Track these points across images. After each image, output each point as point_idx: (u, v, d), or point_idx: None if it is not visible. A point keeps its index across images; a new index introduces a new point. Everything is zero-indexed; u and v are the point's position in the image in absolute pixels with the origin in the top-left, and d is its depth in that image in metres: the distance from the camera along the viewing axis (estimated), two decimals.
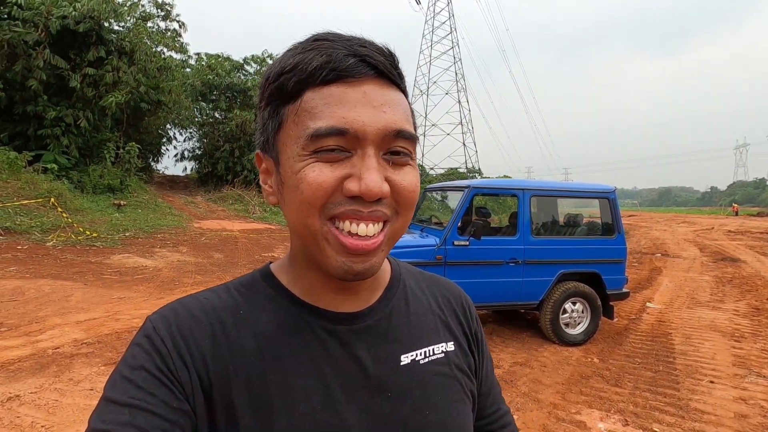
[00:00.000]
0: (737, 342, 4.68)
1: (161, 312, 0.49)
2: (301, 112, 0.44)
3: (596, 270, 4.69)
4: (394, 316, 0.55)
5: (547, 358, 4.23)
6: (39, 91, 12.76)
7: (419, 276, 0.64)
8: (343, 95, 0.43)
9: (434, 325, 0.58)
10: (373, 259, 0.45)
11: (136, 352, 0.45)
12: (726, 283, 7.85)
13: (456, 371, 0.57)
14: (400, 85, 0.48)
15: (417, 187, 0.47)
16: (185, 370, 0.45)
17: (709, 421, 3.03)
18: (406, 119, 0.46)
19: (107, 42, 14.05)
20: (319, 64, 0.42)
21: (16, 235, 8.82)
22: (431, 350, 0.55)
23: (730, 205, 50.55)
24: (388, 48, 0.47)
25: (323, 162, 0.43)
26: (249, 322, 0.49)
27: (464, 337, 0.61)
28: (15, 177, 11.30)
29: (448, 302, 0.63)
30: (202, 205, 17.51)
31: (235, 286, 0.53)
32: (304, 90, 0.44)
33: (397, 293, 0.57)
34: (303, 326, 0.50)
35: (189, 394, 0.44)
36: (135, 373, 0.43)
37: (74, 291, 5.64)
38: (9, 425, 2.60)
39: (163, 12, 16.94)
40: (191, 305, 0.50)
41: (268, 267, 0.56)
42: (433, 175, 36.19)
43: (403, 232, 0.49)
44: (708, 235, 17.20)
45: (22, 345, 3.85)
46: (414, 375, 0.52)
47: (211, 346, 0.47)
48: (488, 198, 9.75)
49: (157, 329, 0.47)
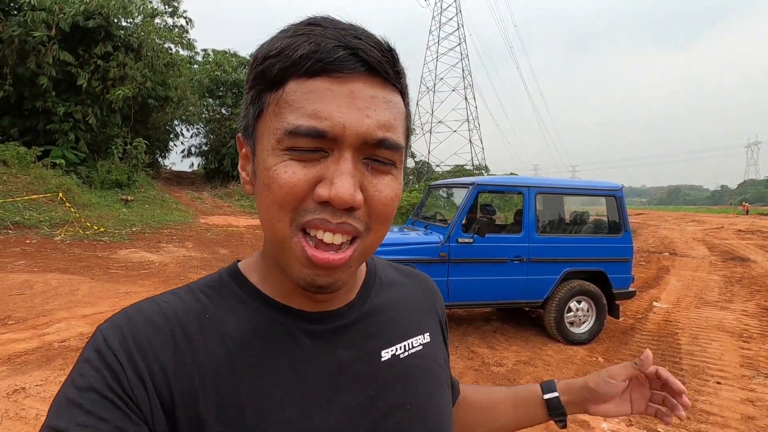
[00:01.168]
0: (745, 342, 4.61)
1: (114, 320, 0.44)
2: (281, 103, 0.40)
3: (602, 268, 4.64)
4: (372, 313, 0.53)
5: (551, 356, 4.20)
6: (49, 87, 12.89)
7: (393, 269, 0.63)
8: (327, 92, 0.39)
9: (411, 318, 0.58)
10: (339, 274, 0.43)
11: (84, 370, 0.40)
12: (735, 283, 7.75)
13: (434, 363, 0.57)
14: (397, 85, 0.43)
15: (394, 201, 0.44)
16: (142, 389, 0.40)
17: (715, 423, 2.99)
18: (394, 125, 0.42)
19: (115, 38, 14.15)
20: (305, 53, 0.39)
21: (25, 229, 8.94)
22: (410, 343, 0.55)
23: (741, 204, 49.89)
24: (388, 42, 0.43)
25: (297, 161, 0.40)
26: (216, 327, 0.45)
27: (438, 327, 0.62)
28: (24, 172, 11.44)
29: (422, 294, 0.62)
30: (208, 200, 17.61)
31: (199, 287, 0.49)
32: (287, 79, 0.40)
33: (375, 289, 0.56)
34: (277, 328, 0.47)
35: (147, 415, 0.40)
36: (83, 395, 0.38)
37: (81, 285, 5.70)
38: (14, 417, 2.63)
39: (170, 8, 17.00)
40: (149, 310, 0.45)
41: (236, 266, 0.52)
42: (439, 172, 36.10)
43: (375, 248, 0.46)
44: (717, 234, 16.99)
45: (29, 338, 3.89)
46: (395, 370, 0.52)
47: (172, 356, 0.42)
48: (494, 195, 9.70)
49: (108, 341, 0.41)
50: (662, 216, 33.24)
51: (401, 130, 0.44)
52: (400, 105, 0.44)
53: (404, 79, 0.45)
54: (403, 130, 0.45)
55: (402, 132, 0.44)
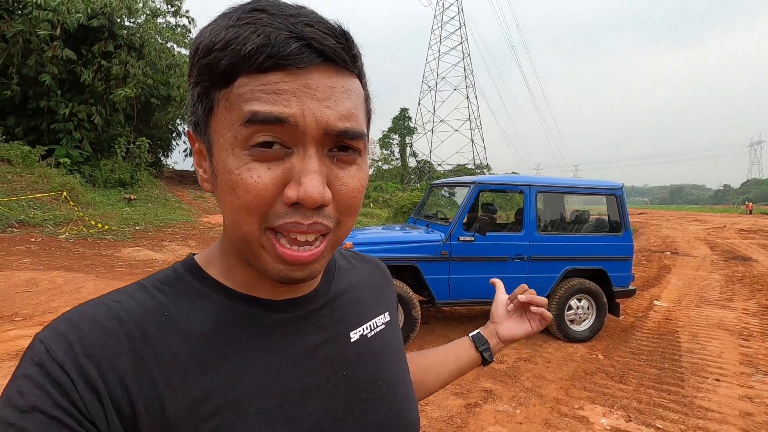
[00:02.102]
0: (745, 341, 4.64)
1: (55, 327, 0.39)
2: (233, 98, 0.38)
3: (602, 267, 4.67)
4: (337, 296, 0.54)
5: (551, 354, 4.23)
6: (53, 86, 12.96)
7: (347, 254, 0.65)
8: (282, 84, 0.37)
9: (372, 299, 0.59)
10: (313, 266, 0.42)
11: (25, 388, 0.35)
12: (736, 282, 7.76)
13: (396, 340, 0.60)
14: (354, 69, 0.41)
15: (360, 191, 0.43)
16: (96, 403, 0.36)
17: (713, 419, 3.02)
18: (355, 113, 0.41)
19: (117, 37, 14.22)
20: (255, 48, 0.36)
21: (30, 227, 9.01)
22: (374, 323, 0.56)
23: (743, 203, 49.70)
24: (341, 26, 0.40)
25: (260, 162, 0.38)
26: (177, 326, 0.42)
27: (394, 307, 0.65)
28: (29, 171, 11.51)
29: (377, 276, 0.65)
30: (210, 199, 17.66)
31: (152, 284, 0.45)
32: (237, 75, 0.37)
33: (336, 273, 0.57)
34: (244, 320, 0.45)
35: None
36: (26, 417, 0.34)
37: (86, 283, 5.75)
38: None
39: (173, 8, 17.06)
40: (97, 313, 0.40)
41: (192, 259, 0.49)
42: (440, 171, 36.10)
43: (345, 237, 0.46)
44: (719, 233, 16.96)
45: (35, 334, 3.95)
46: (364, 349, 0.53)
47: (131, 362, 0.38)
48: (495, 194, 9.72)
49: (52, 353, 0.36)
50: (664, 215, 33.16)
51: (362, 116, 0.43)
52: (358, 90, 0.42)
53: (360, 61, 0.42)
54: (364, 115, 0.44)
55: (363, 118, 0.43)
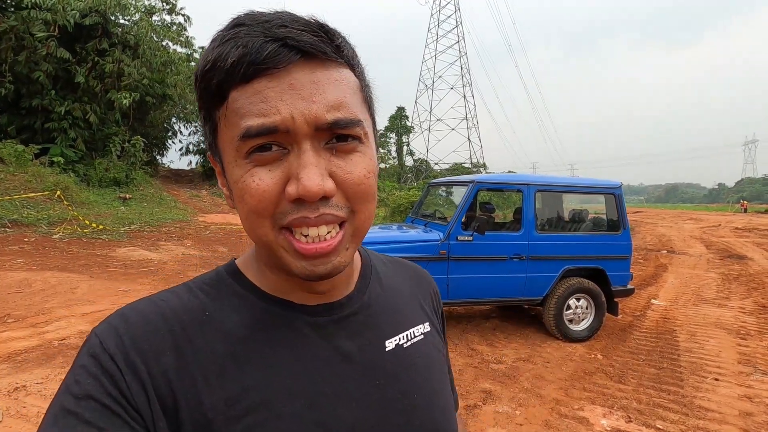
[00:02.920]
0: (743, 339, 4.64)
1: (109, 321, 0.42)
2: (229, 114, 0.40)
3: (601, 266, 4.66)
4: (372, 303, 0.53)
5: (550, 354, 4.21)
6: (47, 84, 12.83)
7: (387, 261, 0.64)
8: (268, 90, 0.38)
9: (411, 307, 0.58)
10: (335, 259, 0.42)
11: (81, 377, 0.38)
12: (732, 281, 7.79)
13: (436, 352, 0.58)
14: (340, 59, 0.42)
15: (368, 177, 0.42)
16: (142, 393, 0.39)
17: (713, 419, 3.01)
18: (345, 102, 0.40)
19: (112, 35, 14.08)
20: (236, 60, 0.38)
21: (23, 227, 8.91)
22: (412, 333, 0.55)
23: (738, 202, 50.03)
24: (317, 20, 0.41)
25: (261, 165, 0.40)
26: (217, 324, 0.45)
27: (436, 317, 0.62)
28: (22, 170, 11.40)
29: (419, 284, 0.63)
30: (206, 198, 17.58)
31: (197, 285, 0.48)
32: (228, 90, 0.39)
33: (372, 279, 0.56)
34: (279, 322, 0.47)
35: (148, 421, 0.39)
36: (81, 404, 0.37)
37: (80, 283, 5.69)
38: (15, 415, 2.64)
39: (168, 5, 16.93)
40: (146, 310, 0.44)
41: (233, 263, 0.52)
42: (437, 170, 36.11)
43: (367, 226, 0.45)
44: (715, 232, 17.05)
45: (28, 336, 3.89)
46: (400, 359, 0.52)
47: (173, 357, 0.41)
48: (492, 193, 9.70)
49: (104, 345, 0.40)
50: (659, 214, 33.32)
51: (357, 104, 0.42)
52: (348, 79, 0.42)
53: (348, 51, 0.43)
54: (361, 103, 0.43)
55: (358, 106, 0.43)
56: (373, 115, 0.47)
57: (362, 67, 0.45)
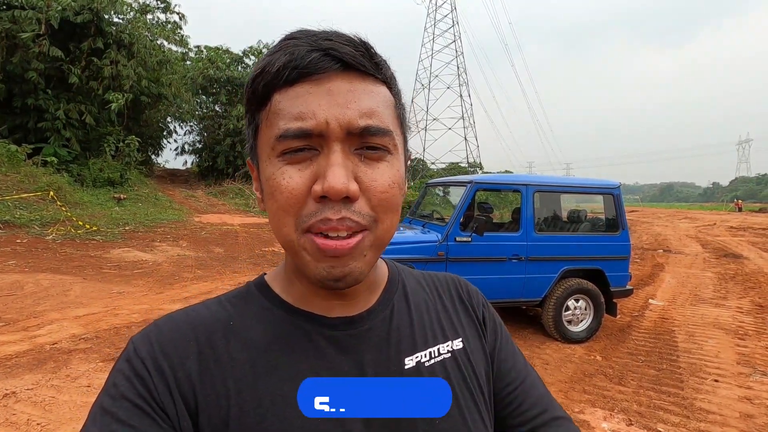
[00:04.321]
0: (741, 340, 4.63)
1: (145, 331, 0.47)
2: (271, 116, 0.43)
3: (600, 267, 4.64)
4: (394, 318, 0.53)
5: (549, 355, 4.19)
6: (40, 84, 12.68)
7: (420, 276, 0.62)
8: (308, 94, 0.41)
9: (439, 323, 0.56)
10: (352, 263, 0.43)
11: (117, 380, 0.43)
12: (729, 280, 7.80)
13: (465, 371, 0.53)
14: (378, 75, 0.44)
15: (392, 187, 0.44)
16: (168, 395, 0.42)
17: (714, 421, 2.99)
18: (377, 111, 0.43)
19: (106, 34, 13.93)
20: (282, 65, 0.41)
21: (16, 228, 8.79)
22: (437, 350, 0.53)
23: (732, 201, 50.35)
24: (360, 37, 0.44)
25: (291, 164, 0.42)
26: (240, 334, 0.47)
27: (473, 327, 0.59)
28: (14, 170, 11.26)
29: (451, 296, 0.60)
30: (202, 199, 17.46)
31: (228, 299, 0.51)
32: (272, 93, 0.43)
33: (397, 294, 0.55)
34: (299, 334, 0.48)
35: (174, 419, 0.42)
36: (116, 404, 0.41)
37: (73, 285, 5.61)
38: (4, 423, 2.57)
39: (163, 3, 16.78)
40: (178, 320, 0.48)
41: (262, 278, 0.54)
42: (434, 170, 36.07)
43: (389, 237, 0.46)
44: (710, 231, 17.13)
45: (19, 340, 3.81)
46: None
47: (197, 362, 0.44)
48: (489, 193, 9.65)
49: (137, 351, 0.44)
50: (655, 213, 33.47)
51: (389, 116, 0.44)
52: (384, 94, 0.45)
53: (387, 70, 0.46)
54: (393, 117, 0.45)
55: (390, 118, 0.45)
56: (405, 134, 0.50)
57: (399, 89, 0.48)
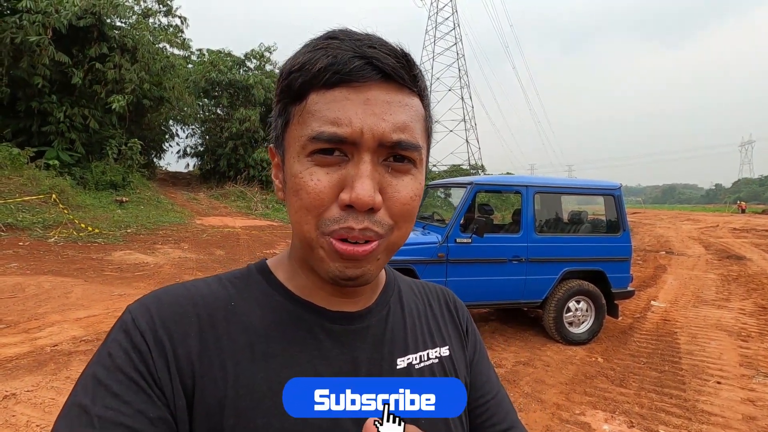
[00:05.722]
0: (744, 341, 4.60)
1: (143, 301, 0.45)
2: (305, 114, 0.43)
3: (601, 268, 4.62)
4: (390, 319, 0.54)
5: (550, 357, 4.17)
6: (45, 88, 12.73)
7: (411, 283, 0.65)
8: (346, 100, 0.41)
9: (429, 329, 0.58)
10: (366, 266, 0.44)
11: (113, 349, 0.41)
12: (732, 282, 7.76)
13: (450, 376, 0.57)
14: (414, 88, 0.45)
15: (413, 200, 0.45)
16: (166, 371, 0.41)
17: (716, 423, 2.97)
18: (410, 126, 0.44)
19: (109, 39, 13.99)
20: (323, 66, 0.41)
21: (18, 231, 8.82)
22: (426, 354, 0.55)
23: (735, 202, 50.14)
24: (402, 49, 0.45)
25: (321, 166, 0.42)
26: (241, 316, 0.47)
27: (458, 337, 0.62)
28: (17, 173, 11.29)
29: (440, 305, 0.63)
30: (204, 201, 17.50)
31: (228, 278, 0.51)
32: (309, 91, 0.43)
33: (393, 296, 0.57)
34: (299, 323, 0.48)
35: (170, 398, 0.41)
36: (110, 375, 0.40)
37: (74, 287, 5.62)
38: (4, 424, 2.57)
39: (164, 7, 16.85)
40: (178, 294, 0.47)
41: (264, 262, 0.54)
42: (435, 172, 36.07)
43: (401, 243, 0.47)
44: (713, 232, 17.06)
45: (20, 342, 3.82)
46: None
47: (198, 341, 0.44)
48: (490, 195, 9.65)
49: (137, 322, 0.43)
50: (657, 215, 33.37)
51: (419, 131, 0.45)
52: (417, 107, 0.45)
53: (422, 82, 0.46)
54: (422, 131, 0.46)
55: (420, 133, 0.46)
56: (429, 145, 0.50)
57: (429, 100, 0.49)
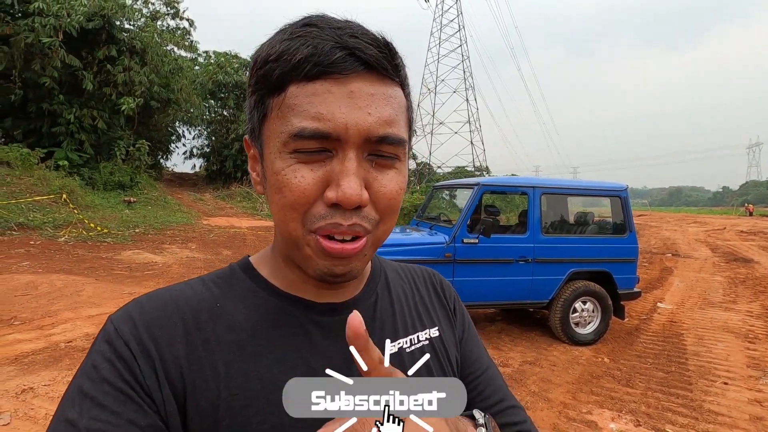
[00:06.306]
0: (751, 343, 4.60)
1: (125, 309, 0.44)
2: (284, 108, 0.41)
3: (607, 269, 4.64)
4: (378, 306, 0.54)
5: (557, 357, 4.19)
6: (55, 89, 12.90)
7: (398, 267, 0.65)
8: (328, 94, 0.40)
9: (417, 312, 0.59)
10: (354, 263, 0.44)
11: (97, 361, 0.40)
12: (739, 284, 7.73)
13: (441, 358, 0.57)
14: (396, 78, 0.44)
15: (398, 194, 0.45)
16: (153, 377, 0.40)
17: (723, 423, 2.98)
18: (396, 120, 0.43)
19: (118, 41, 14.17)
20: (304, 57, 0.39)
21: (29, 230, 8.95)
22: (416, 337, 0.55)
23: (742, 205, 49.69)
24: (384, 38, 0.43)
25: (304, 163, 0.41)
26: (227, 316, 0.46)
27: (446, 317, 0.62)
28: (28, 173, 11.46)
29: (427, 287, 0.63)
30: (210, 202, 17.64)
31: (211, 279, 0.50)
32: (288, 83, 0.41)
33: (380, 284, 0.57)
34: (287, 318, 0.48)
35: (159, 404, 0.40)
36: (96, 387, 0.39)
37: (85, 286, 5.70)
38: (23, 417, 2.64)
39: (172, 10, 17.04)
40: (160, 298, 0.46)
41: (247, 259, 0.54)
42: (440, 174, 36.09)
43: (385, 238, 0.47)
44: (720, 235, 16.95)
45: (35, 338, 3.90)
46: (402, 363, 0.52)
47: (184, 344, 0.43)
48: (495, 196, 9.67)
49: (119, 331, 0.42)
50: (663, 217, 33.17)
51: (403, 123, 0.44)
52: (400, 98, 0.44)
53: (403, 71, 0.45)
54: (405, 122, 0.45)
55: (404, 125, 0.45)
56: (410, 136, 0.49)
57: (410, 89, 0.47)
